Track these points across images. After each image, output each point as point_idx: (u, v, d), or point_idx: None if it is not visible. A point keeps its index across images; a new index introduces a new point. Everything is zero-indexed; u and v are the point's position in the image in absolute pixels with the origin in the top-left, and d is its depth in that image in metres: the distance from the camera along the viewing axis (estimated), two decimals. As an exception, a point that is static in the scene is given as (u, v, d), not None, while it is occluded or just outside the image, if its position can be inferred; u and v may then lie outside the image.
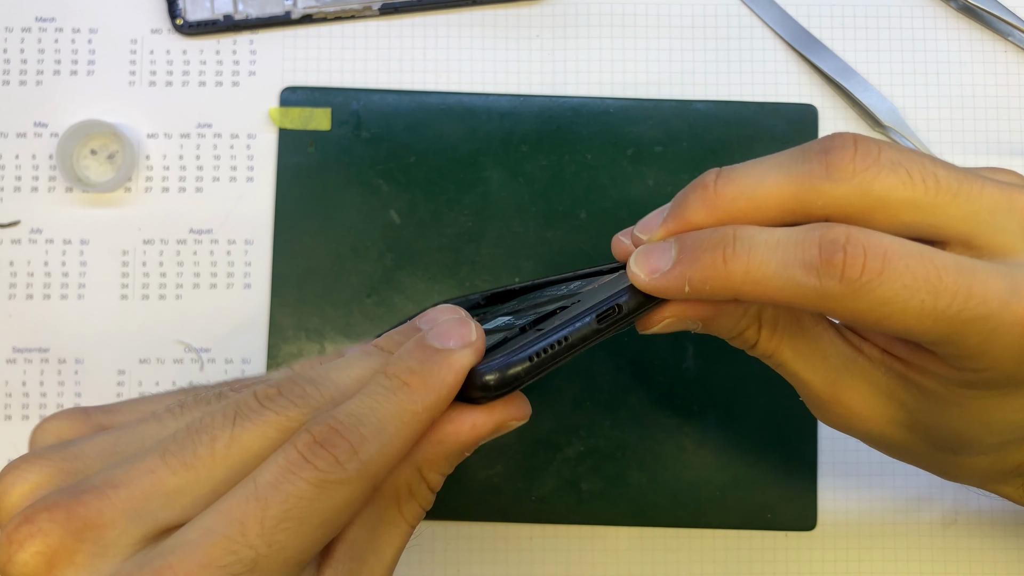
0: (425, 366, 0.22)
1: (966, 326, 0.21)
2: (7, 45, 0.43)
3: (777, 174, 0.23)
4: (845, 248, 0.21)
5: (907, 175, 0.22)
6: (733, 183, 0.24)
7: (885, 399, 0.26)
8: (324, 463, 0.20)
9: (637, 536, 0.41)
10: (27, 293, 0.41)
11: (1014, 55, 0.43)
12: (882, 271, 0.21)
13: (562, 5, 0.43)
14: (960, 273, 0.21)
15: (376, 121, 0.42)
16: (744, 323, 0.26)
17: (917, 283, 0.21)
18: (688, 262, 0.23)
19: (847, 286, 0.21)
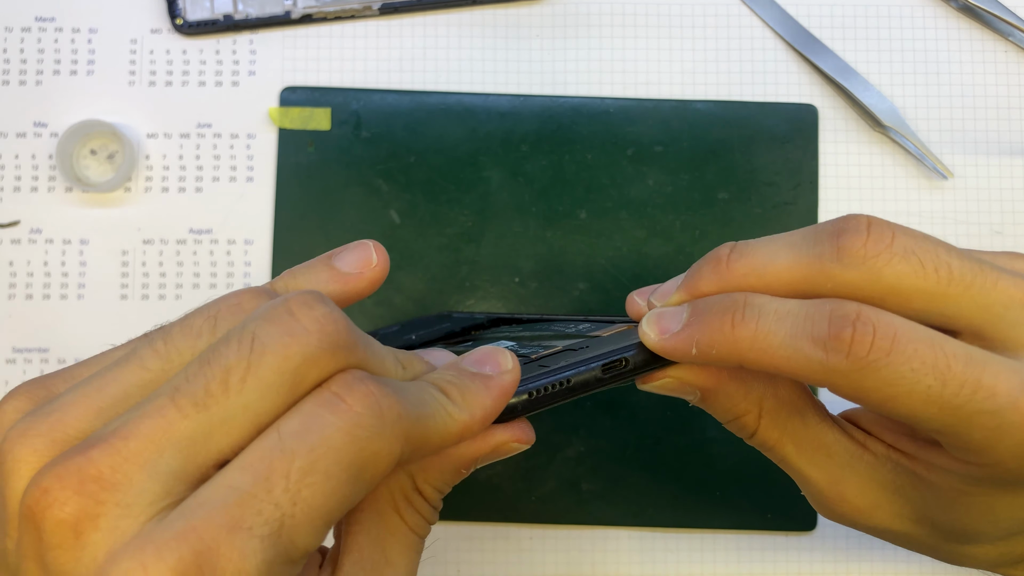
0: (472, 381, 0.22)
1: (972, 418, 0.21)
2: (7, 45, 0.43)
3: (788, 254, 0.23)
4: (855, 324, 0.21)
5: (919, 264, 0.22)
6: (745, 258, 0.24)
7: (891, 495, 0.26)
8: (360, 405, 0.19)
9: (637, 536, 0.41)
10: (27, 293, 0.41)
11: (1014, 55, 0.43)
12: (890, 351, 0.21)
13: (562, 5, 0.43)
14: (970, 364, 0.21)
15: (376, 121, 0.42)
16: (743, 407, 0.26)
17: (925, 368, 0.21)
18: (697, 324, 0.23)
19: (854, 363, 0.21)
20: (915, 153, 0.42)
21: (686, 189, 0.42)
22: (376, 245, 0.24)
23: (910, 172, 0.43)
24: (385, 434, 0.19)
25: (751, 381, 0.26)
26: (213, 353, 0.19)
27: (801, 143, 0.42)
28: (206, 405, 0.19)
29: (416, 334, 0.36)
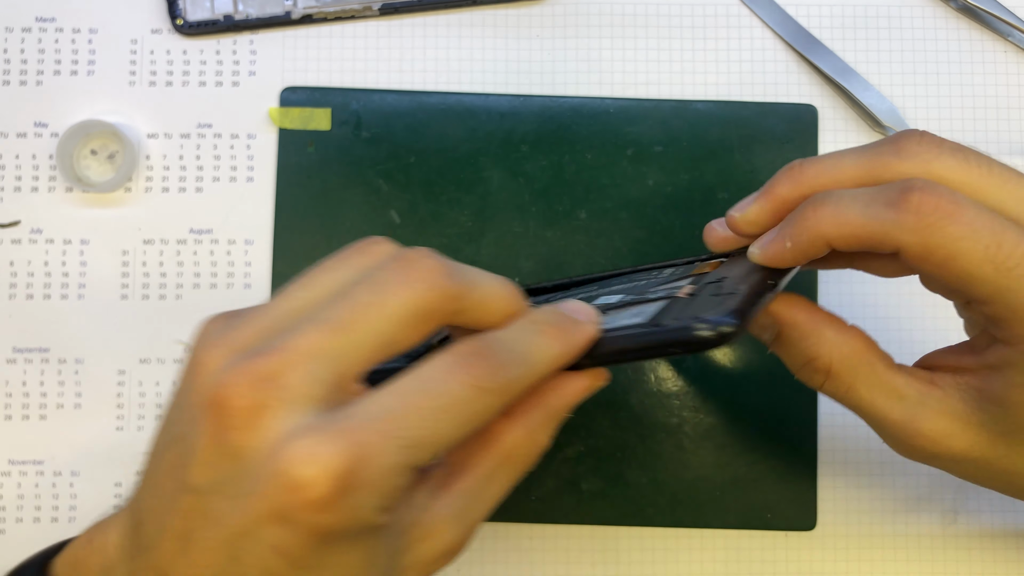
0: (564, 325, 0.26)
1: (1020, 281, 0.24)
2: (7, 45, 0.43)
3: (853, 158, 0.27)
4: (923, 189, 0.25)
5: (964, 159, 0.25)
6: (816, 165, 0.27)
7: (962, 423, 0.28)
8: (480, 371, 0.24)
9: (637, 536, 0.41)
10: (27, 293, 0.42)
11: (1014, 55, 0.43)
12: (954, 213, 0.24)
13: (562, 5, 0.44)
14: (1020, 235, 0.24)
15: (376, 121, 0.42)
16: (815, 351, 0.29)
17: (984, 230, 0.24)
18: (787, 225, 0.27)
19: (923, 219, 0.24)
20: (915, 153, 0.42)
21: (686, 189, 0.42)
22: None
23: (910, 172, 0.43)
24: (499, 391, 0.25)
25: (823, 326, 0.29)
26: (351, 290, 0.24)
27: (801, 143, 0.42)
28: (347, 328, 0.24)
29: None
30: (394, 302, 0.24)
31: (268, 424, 0.23)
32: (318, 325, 0.24)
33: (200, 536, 0.24)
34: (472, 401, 0.24)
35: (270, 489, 0.22)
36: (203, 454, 0.23)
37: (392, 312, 0.24)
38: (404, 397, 0.24)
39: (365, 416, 0.23)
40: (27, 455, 0.41)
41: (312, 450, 0.22)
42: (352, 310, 0.24)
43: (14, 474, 0.41)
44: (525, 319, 0.27)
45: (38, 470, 0.41)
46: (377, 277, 0.25)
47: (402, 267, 0.25)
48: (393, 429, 0.23)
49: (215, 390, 0.23)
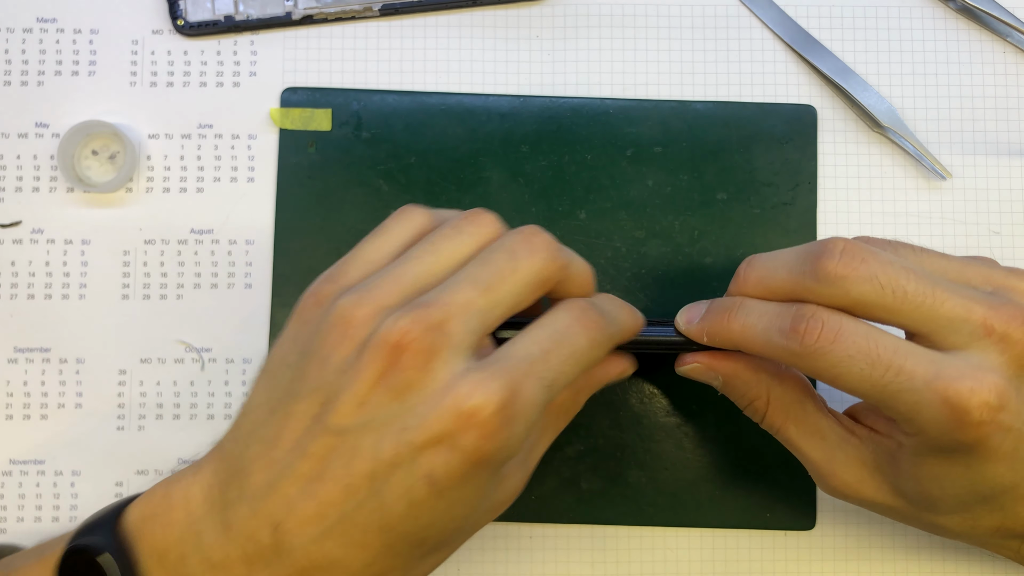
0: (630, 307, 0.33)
1: (897, 395, 0.28)
2: (8, 46, 0.43)
3: (783, 271, 0.31)
4: (808, 321, 0.29)
5: (880, 286, 0.28)
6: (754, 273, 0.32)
7: (872, 471, 0.32)
8: (594, 326, 0.29)
9: (636, 535, 0.41)
10: (28, 293, 0.42)
11: (1013, 56, 0.43)
12: (834, 341, 0.28)
13: (562, 6, 0.44)
14: (896, 353, 0.28)
15: (377, 122, 0.42)
16: (755, 393, 0.34)
17: (860, 355, 0.28)
18: (708, 317, 0.32)
19: (806, 349, 0.28)
20: (913, 154, 0.42)
21: (685, 189, 0.42)
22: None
23: (908, 172, 0.43)
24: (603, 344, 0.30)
25: (760, 373, 0.34)
26: (489, 257, 0.29)
27: (800, 144, 0.42)
28: (492, 289, 0.28)
29: None
30: (525, 268, 0.29)
31: (436, 366, 0.26)
32: (471, 284, 0.28)
33: (335, 475, 0.26)
34: (589, 350, 0.29)
35: (441, 417, 0.26)
36: (359, 395, 0.26)
37: (524, 276, 0.29)
38: (541, 344, 0.28)
39: (516, 359, 0.27)
40: (28, 455, 0.41)
41: (480, 385, 0.26)
42: (494, 273, 0.28)
43: (15, 473, 0.41)
44: (605, 296, 0.32)
45: (39, 470, 0.41)
46: (508, 245, 0.29)
47: (527, 239, 0.29)
48: (537, 370, 0.27)
49: (390, 334, 0.26)
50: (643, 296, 0.41)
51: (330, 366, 0.27)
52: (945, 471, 0.30)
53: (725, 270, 0.42)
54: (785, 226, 0.42)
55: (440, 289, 0.28)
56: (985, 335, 0.28)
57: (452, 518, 0.27)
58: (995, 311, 0.28)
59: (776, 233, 0.42)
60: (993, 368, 0.28)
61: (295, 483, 0.26)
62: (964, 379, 0.27)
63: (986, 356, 0.28)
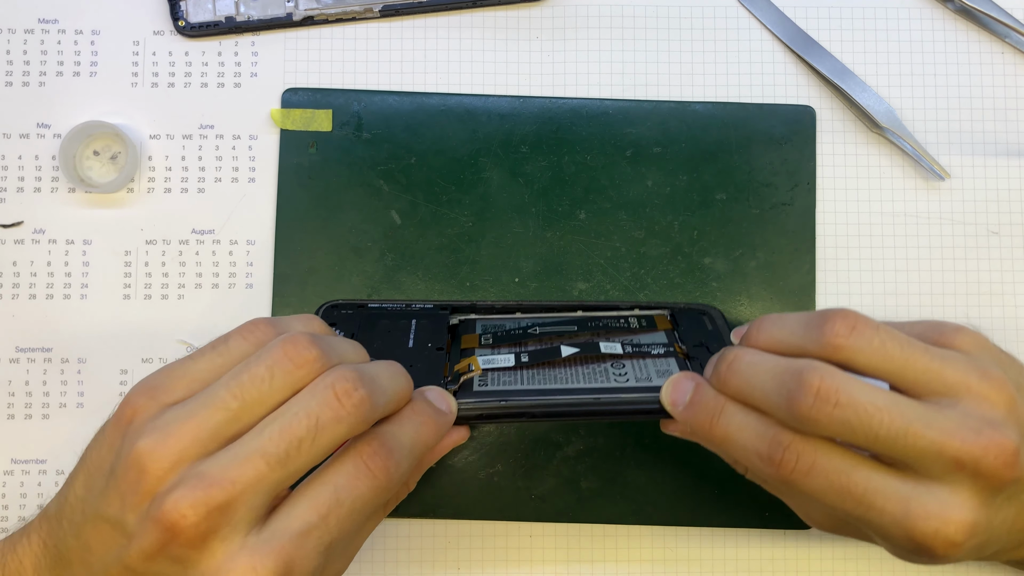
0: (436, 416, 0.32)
1: (867, 524, 0.29)
2: (10, 47, 0.43)
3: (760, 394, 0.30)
4: (784, 451, 0.29)
5: (851, 430, 0.28)
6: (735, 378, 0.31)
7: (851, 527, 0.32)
8: (380, 473, 0.29)
9: (636, 534, 0.41)
10: (30, 293, 0.42)
11: (1011, 56, 0.44)
12: (808, 473, 0.29)
13: (561, 7, 0.44)
14: (867, 490, 0.29)
15: (377, 122, 0.42)
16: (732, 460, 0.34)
17: (833, 489, 0.29)
18: (692, 412, 0.32)
19: (782, 477, 0.30)
20: (912, 154, 0.42)
21: (684, 190, 0.42)
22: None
23: (907, 173, 0.43)
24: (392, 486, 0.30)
25: None
26: (288, 426, 0.28)
27: (799, 144, 0.43)
28: (286, 463, 0.28)
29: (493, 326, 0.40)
30: (328, 438, 0.28)
31: (212, 546, 0.27)
32: (263, 459, 0.27)
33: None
34: (375, 498, 0.29)
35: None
36: (146, 551, 0.27)
37: (325, 446, 0.28)
38: (320, 508, 0.28)
39: (289, 533, 0.28)
40: (30, 454, 0.41)
41: (248, 571, 0.27)
42: (292, 444, 0.28)
43: (17, 473, 0.41)
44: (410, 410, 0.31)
45: (40, 469, 0.41)
46: (314, 411, 0.28)
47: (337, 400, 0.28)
48: (312, 540, 0.28)
49: (166, 514, 0.27)
50: (643, 296, 0.41)
51: (127, 507, 0.28)
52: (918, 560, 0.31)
53: (724, 270, 0.42)
54: (784, 226, 0.42)
55: (229, 459, 0.28)
56: (957, 469, 0.28)
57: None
58: (967, 446, 0.28)
59: (775, 233, 0.42)
60: (962, 503, 0.28)
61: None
62: (931, 520, 0.28)
63: (956, 490, 0.29)
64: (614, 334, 0.37)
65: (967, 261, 0.42)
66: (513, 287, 0.41)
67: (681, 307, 0.40)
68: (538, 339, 0.37)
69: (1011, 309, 0.42)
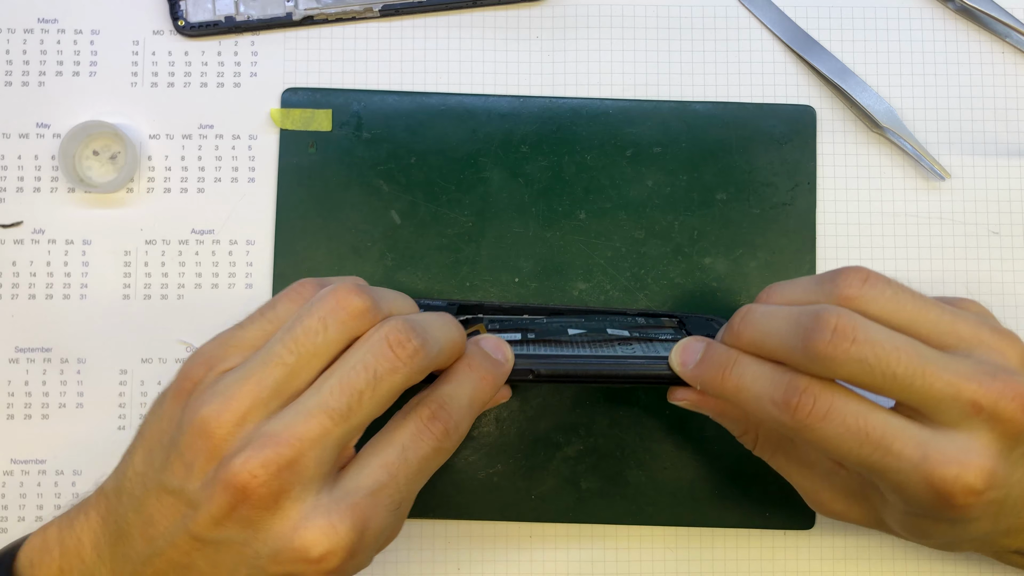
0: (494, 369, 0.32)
1: (883, 472, 0.29)
2: (9, 46, 0.43)
3: (776, 340, 0.30)
4: (801, 395, 0.29)
5: (869, 368, 0.28)
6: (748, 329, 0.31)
7: (859, 500, 0.33)
8: (440, 434, 0.30)
9: (636, 534, 0.41)
10: (30, 293, 0.42)
11: (1011, 56, 0.44)
12: (824, 417, 0.28)
13: (561, 7, 0.44)
14: (884, 434, 0.28)
15: (377, 122, 0.42)
16: (742, 428, 0.35)
17: (849, 433, 0.28)
18: (703, 367, 0.32)
19: (797, 422, 0.29)
20: (912, 154, 0.42)
21: (685, 190, 0.42)
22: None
23: (907, 173, 0.43)
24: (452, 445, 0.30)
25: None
26: (347, 379, 0.28)
27: (799, 144, 0.42)
28: (348, 417, 0.28)
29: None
30: (387, 389, 0.28)
31: (285, 505, 0.27)
32: (326, 413, 0.28)
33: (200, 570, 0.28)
34: (437, 458, 0.30)
35: (290, 559, 0.27)
36: (215, 516, 0.27)
37: (385, 396, 0.28)
38: (389, 467, 0.29)
39: (362, 491, 0.28)
40: (29, 454, 0.41)
41: (327, 530, 0.27)
42: (353, 398, 0.28)
43: (16, 473, 0.41)
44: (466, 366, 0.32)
45: (40, 469, 0.41)
46: (370, 363, 0.28)
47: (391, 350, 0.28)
48: (384, 498, 0.29)
49: (237, 476, 0.27)
50: (643, 296, 0.41)
51: (192, 474, 0.28)
52: (930, 525, 0.30)
53: (724, 270, 0.42)
54: (784, 226, 0.42)
55: (292, 417, 0.28)
56: (974, 414, 0.28)
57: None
58: (984, 388, 0.28)
59: (775, 233, 0.42)
60: (980, 450, 0.28)
61: (168, 563, 0.28)
62: (950, 464, 0.28)
63: (974, 436, 0.28)
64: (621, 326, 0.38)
65: (967, 261, 0.42)
66: (513, 287, 0.41)
67: (689, 315, 0.40)
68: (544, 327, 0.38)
69: (1011, 309, 0.42)
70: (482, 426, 0.41)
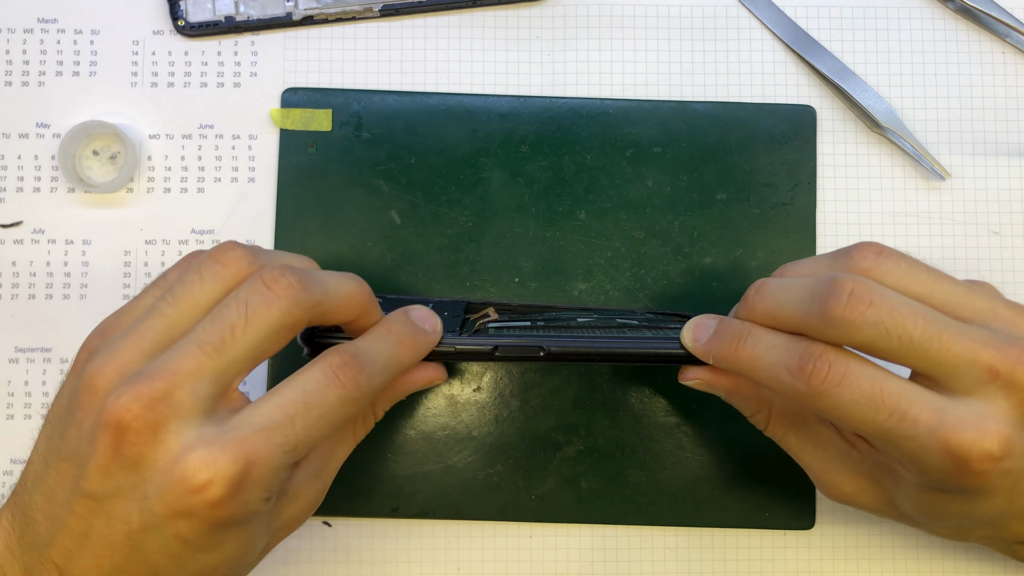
0: (415, 336, 0.32)
1: (899, 440, 0.28)
2: (9, 46, 0.43)
3: (791, 308, 0.30)
4: (816, 362, 0.28)
5: (885, 332, 0.28)
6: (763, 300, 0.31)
7: (872, 483, 0.32)
8: (347, 381, 0.29)
9: (636, 535, 0.41)
10: (29, 293, 0.42)
11: (1011, 56, 0.44)
12: (839, 383, 0.28)
13: (562, 7, 0.44)
14: (901, 399, 0.28)
15: (377, 122, 0.42)
16: (755, 407, 0.34)
17: (864, 399, 0.28)
18: (716, 340, 0.32)
19: (811, 389, 0.28)
20: (913, 154, 0.42)
21: (685, 190, 0.42)
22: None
23: (908, 173, 0.43)
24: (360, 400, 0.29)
25: (762, 389, 0.34)
26: (219, 315, 0.28)
27: (799, 144, 0.42)
28: (222, 350, 0.27)
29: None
30: (261, 322, 0.28)
31: (165, 438, 0.27)
32: (198, 347, 0.27)
33: (99, 533, 0.27)
34: (342, 408, 0.29)
35: (174, 493, 0.26)
36: (101, 466, 0.27)
37: (260, 330, 0.28)
38: (287, 408, 0.28)
39: (252, 427, 0.27)
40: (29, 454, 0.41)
41: (208, 459, 0.26)
42: (225, 330, 0.28)
43: (16, 473, 0.41)
44: (384, 328, 0.32)
45: (40, 469, 0.41)
46: (242, 298, 0.28)
47: (265, 286, 0.28)
48: (276, 437, 0.27)
49: (111, 413, 0.26)
50: (642, 296, 0.41)
51: (82, 433, 0.28)
52: (944, 502, 0.30)
53: (725, 270, 0.42)
54: (784, 226, 0.42)
55: (168, 354, 0.28)
56: (991, 380, 0.28)
57: (222, 561, 0.29)
58: (1001, 354, 0.28)
59: (775, 233, 0.42)
60: (997, 416, 0.28)
61: (70, 536, 0.28)
62: (967, 429, 0.27)
63: (991, 402, 0.28)
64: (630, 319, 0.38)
65: (967, 261, 0.42)
66: (513, 287, 0.41)
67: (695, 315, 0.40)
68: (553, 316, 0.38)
69: (1012, 309, 0.42)
70: (482, 426, 0.41)
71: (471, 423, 0.41)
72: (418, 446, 0.41)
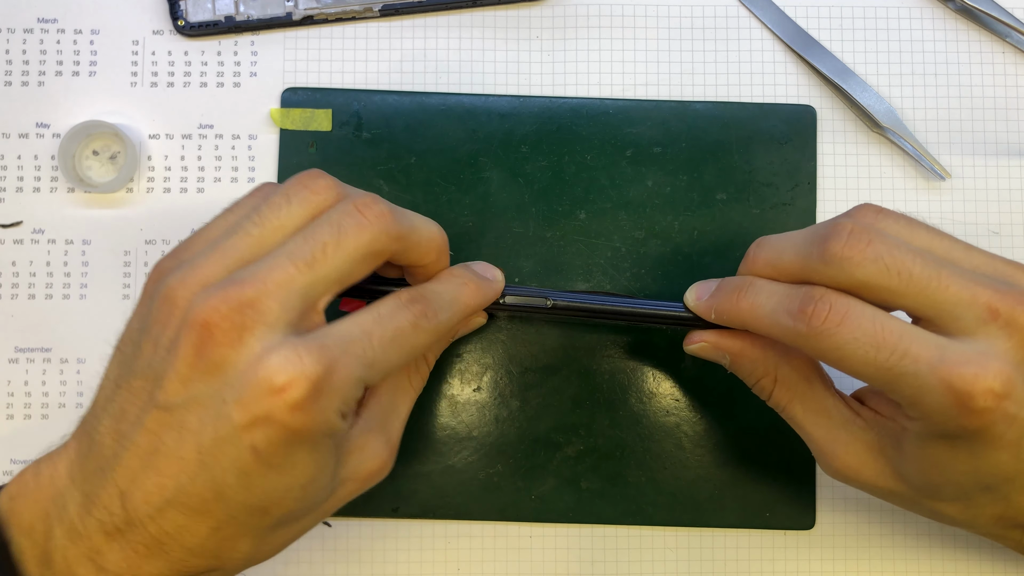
0: (477, 278, 0.34)
1: (900, 378, 0.28)
2: (9, 46, 0.43)
3: (791, 252, 0.31)
4: (816, 303, 0.29)
5: (885, 268, 0.28)
6: (763, 253, 0.32)
7: (875, 454, 0.32)
8: (419, 312, 0.30)
9: (636, 535, 0.41)
10: (29, 293, 0.42)
11: (1012, 56, 0.44)
12: (840, 323, 0.28)
13: (562, 6, 0.44)
14: (902, 337, 0.28)
15: (377, 122, 0.42)
16: (762, 371, 0.34)
17: (865, 338, 0.28)
18: (717, 295, 0.33)
19: (812, 330, 0.29)
20: (913, 154, 0.42)
21: (685, 190, 0.42)
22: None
23: (908, 173, 0.43)
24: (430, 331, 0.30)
25: (768, 351, 0.34)
26: (312, 232, 0.28)
27: (799, 144, 0.42)
28: (313, 265, 0.28)
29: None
30: (352, 243, 0.28)
31: (249, 341, 0.26)
32: (290, 260, 0.27)
33: (168, 449, 0.27)
34: (414, 335, 0.30)
35: (254, 393, 0.26)
36: (181, 373, 0.26)
37: (351, 251, 0.28)
38: (363, 326, 0.28)
39: (334, 337, 0.27)
40: (29, 454, 0.41)
41: (290, 359, 0.26)
42: (317, 247, 0.28)
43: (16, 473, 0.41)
44: (448, 273, 0.33)
45: (40, 469, 0.41)
46: (335, 219, 0.29)
47: (357, 210, 0.29)
48: (355, 349, 0.28)
49: (200, 312, 0.26)
50: (642, 297, 0.41)
51: (160, 345, 0.27)
52: (948, 457, 0.29)
53: (724, 271, 0.42)
54: (784, 226, 0.42)
55: (258, 265, 0.27)
56: (991, 319, 0.28)
57: (288, 488, 0.28)
58: (1001, 295, 0.28)
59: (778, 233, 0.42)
60: (998, 354, 0.28)
61: (136, 455, 0.27)
62: (968, 364, 0.27)
63: (992, 342, 0.28)
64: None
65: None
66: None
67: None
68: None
69: (1012, 309, 0.42)
70: (482, 426, 0.41)
71: (471, 423, 0.41)
72: (418, 446, 0.41)
